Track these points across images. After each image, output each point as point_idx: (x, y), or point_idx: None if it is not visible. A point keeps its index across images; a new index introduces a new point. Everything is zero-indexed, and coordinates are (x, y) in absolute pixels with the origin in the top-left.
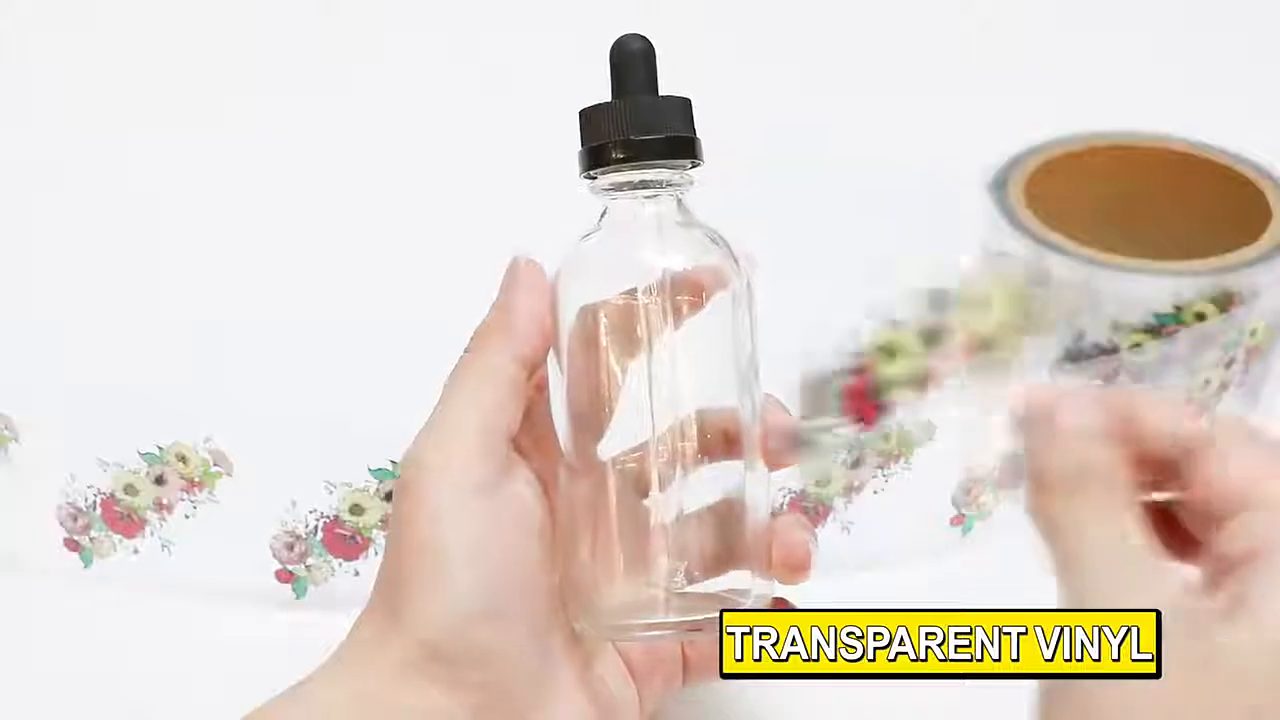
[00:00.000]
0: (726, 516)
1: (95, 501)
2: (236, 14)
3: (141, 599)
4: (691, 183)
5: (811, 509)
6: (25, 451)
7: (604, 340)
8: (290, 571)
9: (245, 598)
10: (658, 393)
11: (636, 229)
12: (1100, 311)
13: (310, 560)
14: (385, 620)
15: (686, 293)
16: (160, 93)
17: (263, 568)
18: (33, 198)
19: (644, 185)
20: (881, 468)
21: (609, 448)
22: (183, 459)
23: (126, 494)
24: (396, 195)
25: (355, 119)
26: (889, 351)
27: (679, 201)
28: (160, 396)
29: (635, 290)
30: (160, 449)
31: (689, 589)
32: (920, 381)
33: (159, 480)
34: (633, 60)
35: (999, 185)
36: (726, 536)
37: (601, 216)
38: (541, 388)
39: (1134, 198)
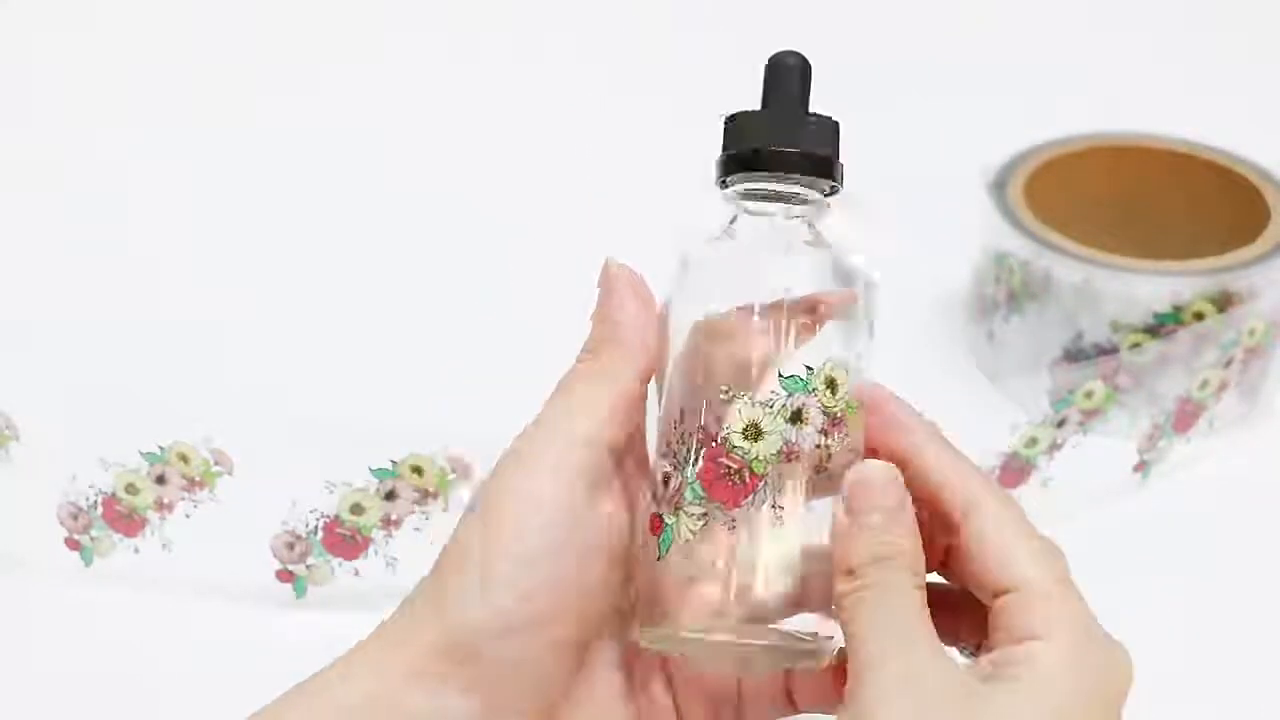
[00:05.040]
0: (812, 555)
1: (96, 501)
2: (236, 14)
3: (141, 599)
4: (828, 206)
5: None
6: (25, 451)
7: (712, 359)
8: (290, 571)
9: (245, 598)
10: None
11: (765, 243)
12: (1100, 311)
13: (310, 560)
14: (422, 609)
15: (805, 316)
16: (160, 93)
17: (263, 567)
18: (33, 198)
19: (779, 198)
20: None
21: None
22: (184, 458)
23: (127, 493)
24: (397, 196)
25: (355, 120)
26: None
27: (810, 223)
28: (160, 396)
29: (753, 307)
30: (161, 448)
31: (759, 623)
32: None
33: (160, 480)
34: (788, 74)
35: (999, 185)
36: (807, 575)
37: (731, 222)
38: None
39: (1134, 198)
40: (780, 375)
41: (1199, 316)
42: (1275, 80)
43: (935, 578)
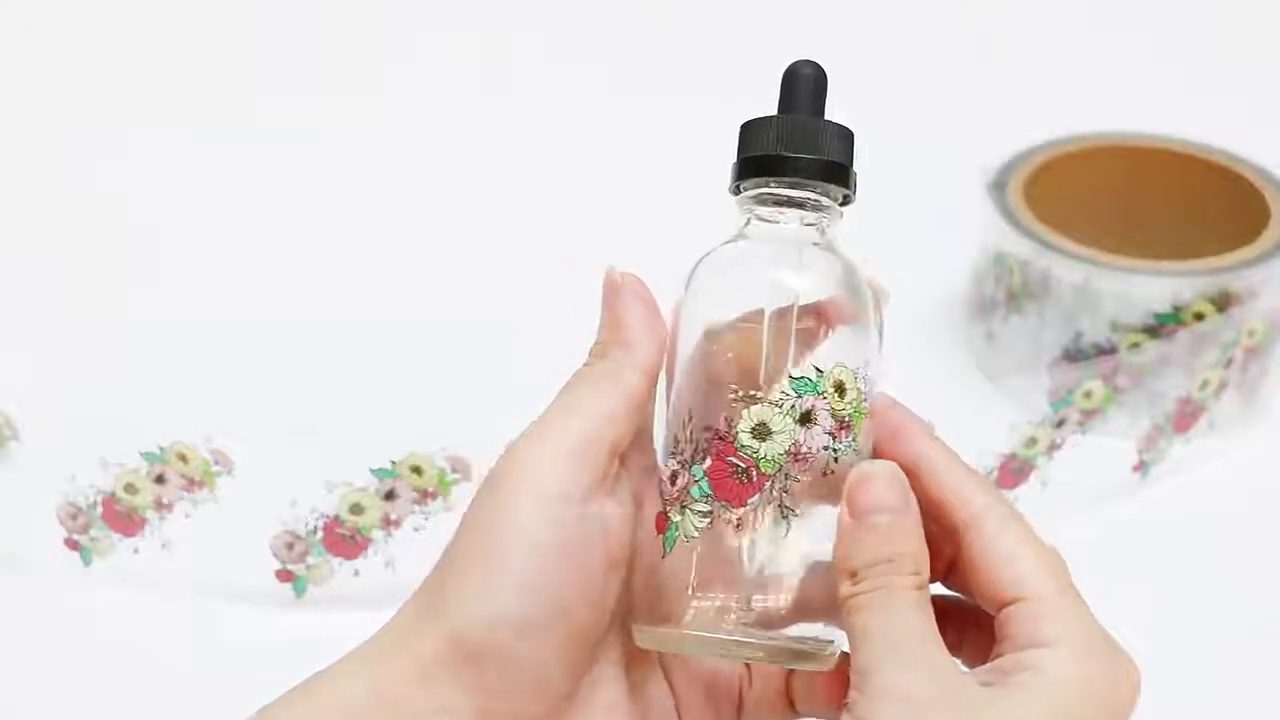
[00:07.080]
0: (818, 558)
1: (95, 501)
2: (241, 14)
3: (141, 599)
4: (841, 215)
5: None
6: (25, 451)
7: (722, 361)
8: (290, 571)
9: (245, 597)
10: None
11: (776, 249)
12: (1100, 312)
13: (310, 560)
14: (427, 606)
15: (815, 322)
16: (161, 93)
17: (263, 567)
18: (33, 198)
19: (791, 204)
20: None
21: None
22: (183, 458)
23: (127, 493)
24: (397, 197)
25: (356, 121)
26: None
27: (822, 230)
28: (160, 396)
29: (763, 311)
30: (161, 448)
31: (762, 623)
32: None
33: (159, 479)
34: (803, 82)
35: (999, 185)
36: (812, 577)
37: (744, 227)
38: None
39: (1134, 198)
40: (790, 376)
41: (1199, 316)
42: (1275, 80)
43: (940, 589)
